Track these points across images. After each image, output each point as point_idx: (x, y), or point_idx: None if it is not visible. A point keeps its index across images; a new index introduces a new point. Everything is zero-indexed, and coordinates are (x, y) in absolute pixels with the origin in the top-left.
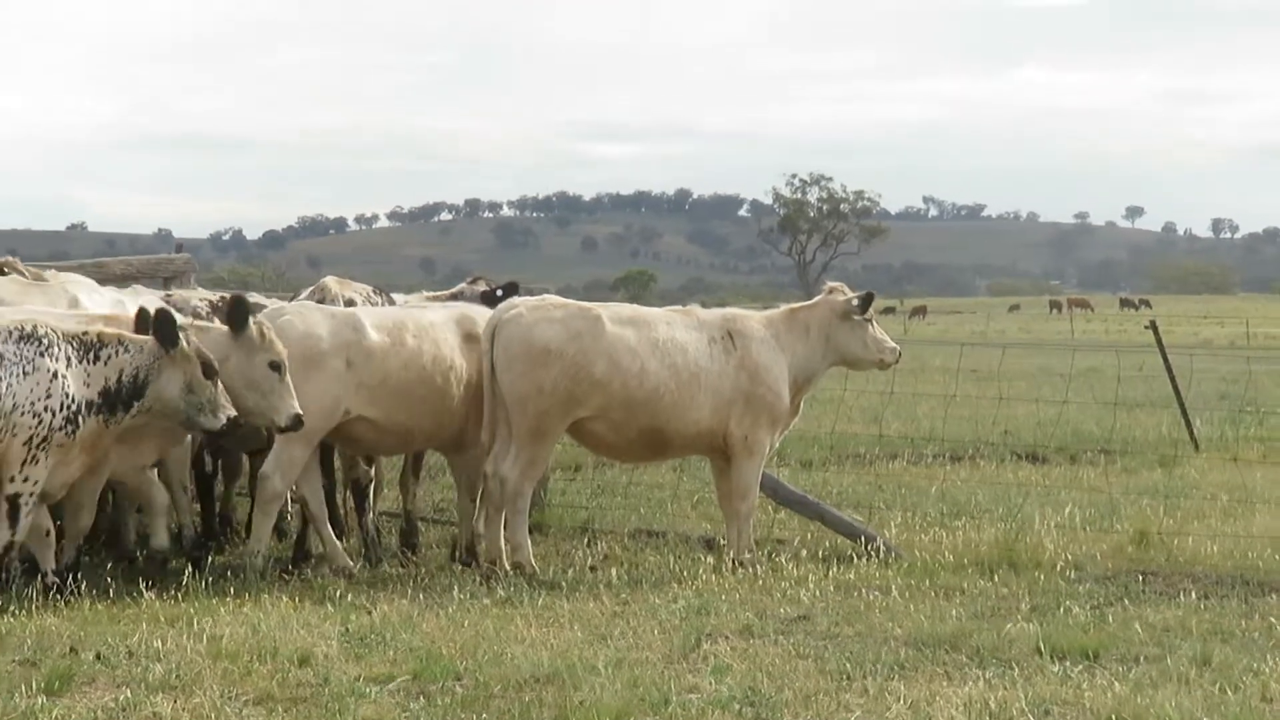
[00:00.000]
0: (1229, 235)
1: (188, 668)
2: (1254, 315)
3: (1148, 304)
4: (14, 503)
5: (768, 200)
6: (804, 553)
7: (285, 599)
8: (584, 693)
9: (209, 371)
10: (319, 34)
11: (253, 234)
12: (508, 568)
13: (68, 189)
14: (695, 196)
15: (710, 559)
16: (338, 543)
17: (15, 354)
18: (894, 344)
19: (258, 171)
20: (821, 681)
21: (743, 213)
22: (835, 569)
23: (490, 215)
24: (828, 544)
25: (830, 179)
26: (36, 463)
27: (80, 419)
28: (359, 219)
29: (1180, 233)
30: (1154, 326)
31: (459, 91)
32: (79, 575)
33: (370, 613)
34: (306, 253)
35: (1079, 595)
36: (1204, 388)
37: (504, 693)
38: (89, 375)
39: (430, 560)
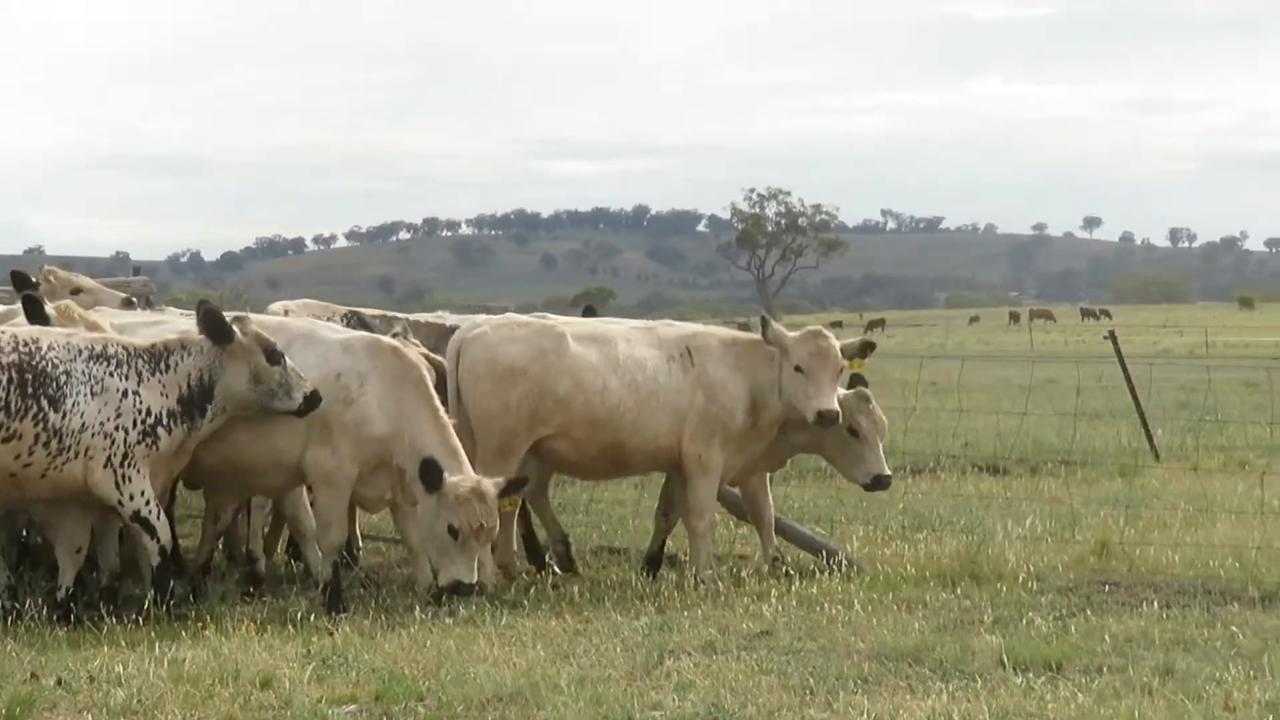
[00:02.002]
0: (1187, 244)
1: (149, 692)
2: (1213, 324)
3: (1108, 314)
4: (139, 518)
5: (726, 215)
6: (766, 567)
7: (247, 621)
8: (547, 711)
9: (273, 357)
10: (274, 54)
11: (210, 255)
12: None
13: (24, 213)
14: (653, 213)
15: (672, 575)
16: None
17: (84, 373)
18: (823, 405)
19: (215, 193)
20: (785, 696)
21: (701, 228)
22: (797, 584)
23: (449, 234)
24: (790, 558)
25: (788, 193)
26: (130, 481)
27: (161, 431)
28: (317, 239)
29: (1138, 242)
30: (1113, 336)
31: (415, 111)
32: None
33: (332, 634)
34: (265, 273)
35: (1041, 606)
36: (1163, 397)
37: (467, 712)
38: (164, 386)
39: (392, 580)
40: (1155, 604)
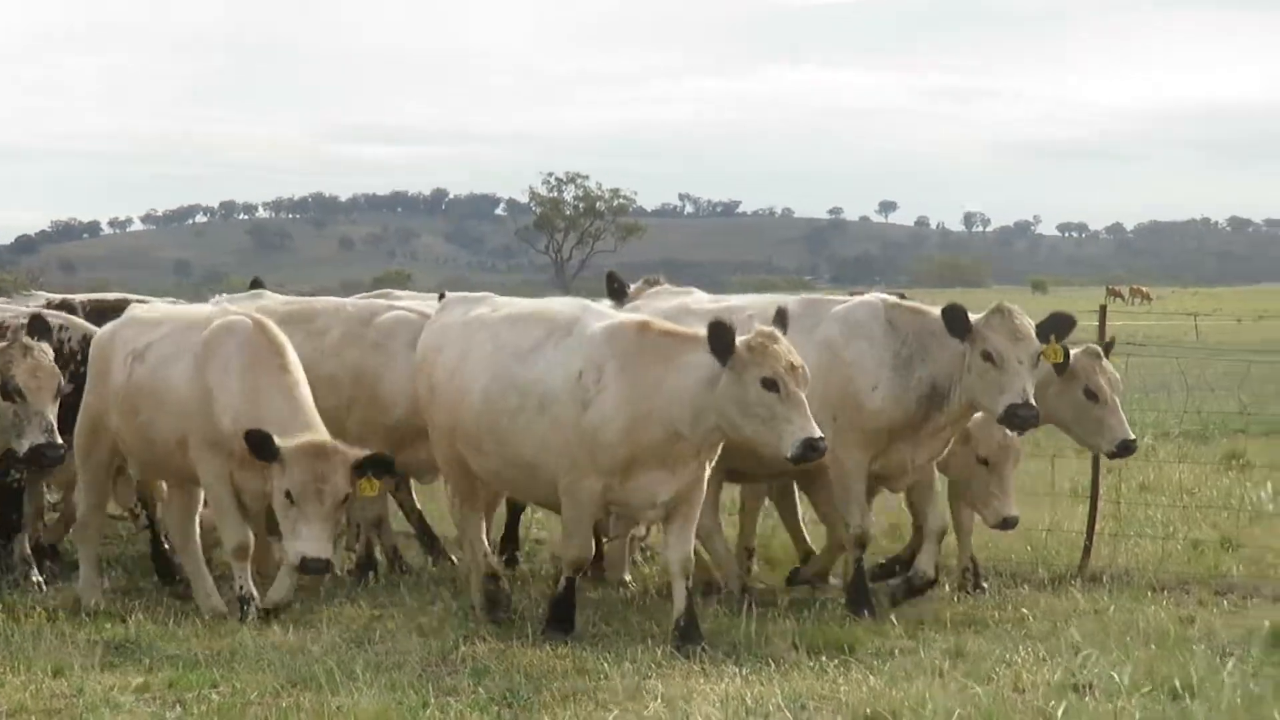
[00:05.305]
0: (981, 229)
1: None
2: None
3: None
4: None
5: (524, 199)
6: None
7: (39, 609)
8: (342, 698)
9: (5, 393)
10: (72, 42)
11: (3, 239)
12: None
13: None
14: (451, 196)
15: None
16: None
17: None
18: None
19: (7, 176)
20: (579, 681)
21: (499, 212)
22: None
23: (246, 217)
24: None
25: (586, 177)
26: None
27: None
28: (112, 222)
29: (933, 226)
30: None
31: (216, 97)
32: None
33: (125, 621)
34: (60, 257)
35: (834, 590)
36: None
37: (261, 699)
38: None
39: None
40: (946, 586)
